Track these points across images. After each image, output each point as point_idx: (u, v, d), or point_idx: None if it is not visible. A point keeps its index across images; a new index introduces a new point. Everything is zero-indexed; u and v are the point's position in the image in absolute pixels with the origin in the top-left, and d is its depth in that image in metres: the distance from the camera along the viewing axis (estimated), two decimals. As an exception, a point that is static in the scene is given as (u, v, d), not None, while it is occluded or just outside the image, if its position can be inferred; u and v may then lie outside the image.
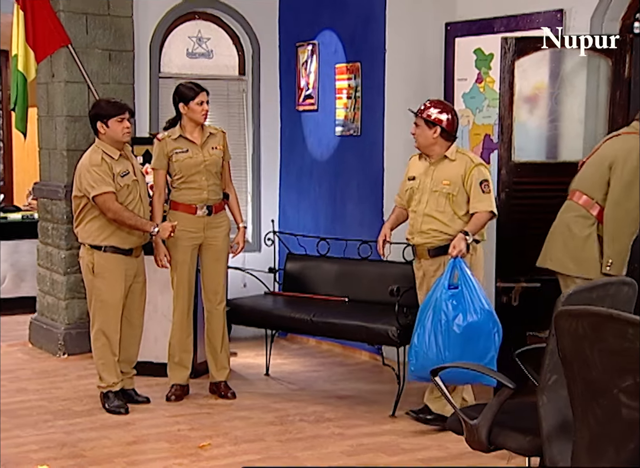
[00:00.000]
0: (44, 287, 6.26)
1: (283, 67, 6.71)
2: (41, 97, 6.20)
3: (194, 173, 4.88)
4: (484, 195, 4.33)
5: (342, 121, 6.16)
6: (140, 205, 4.72)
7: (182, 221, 4.89)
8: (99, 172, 4.57)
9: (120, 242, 4.67)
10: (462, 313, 4.14)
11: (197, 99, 4.82)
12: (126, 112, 4.66)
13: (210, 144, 4.91)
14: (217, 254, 4.95)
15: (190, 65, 6.54)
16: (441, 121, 4.40)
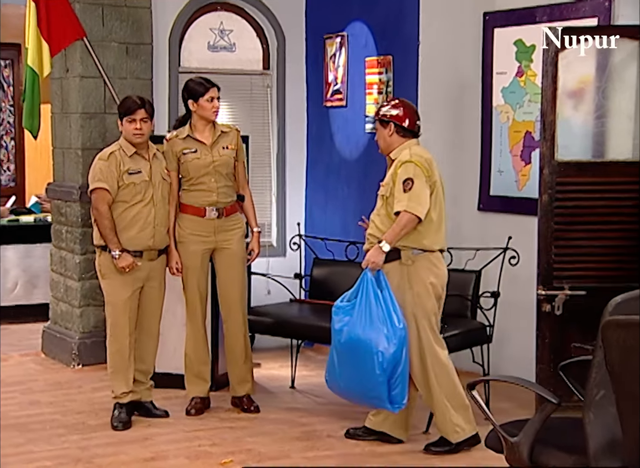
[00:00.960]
0: (58, 294, 6.30)
1: (310, 60, 6.72)
2: (55, 93, 6.25)
3: (203, 175, 4.87)
4: (403, 195, 4.25)
5: (372, 117, 6.16)
6: (152, 208, 4.73)
7: (190, 224, 4.90)
8: (101, 167, 4.66)
9: (126, 243, 4.70)
10: (345, 327, 4.21)
11: (207, 95, 4.82)
12: (138, 112, 4.68)
13: (221, 143, 4.90)
14: (230, 259, 4.95)
15: (211, 59, 6.56)
16: (393, 116, 4.39)
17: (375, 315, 4.20)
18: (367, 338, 4.18)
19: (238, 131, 5.01)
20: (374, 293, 4.23)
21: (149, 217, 4.72)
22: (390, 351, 4.17)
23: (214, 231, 4.91)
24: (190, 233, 4.91)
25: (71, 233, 6.10)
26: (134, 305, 4.77)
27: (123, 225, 4.69)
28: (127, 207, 4.70)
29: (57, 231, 6.28)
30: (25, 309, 7.35)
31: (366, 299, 4.23)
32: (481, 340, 5.07)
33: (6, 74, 9.53)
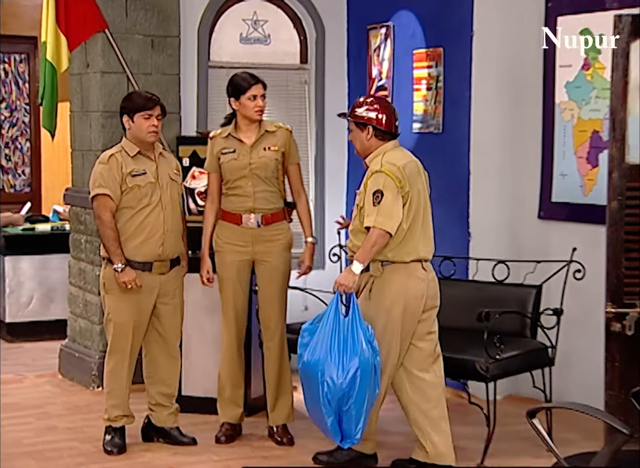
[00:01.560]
0: (76, 309, 6.35)
1: (352, 53, 6.72)
2: (74, 90, 6.31)
3: (239, 178, 4.88)
4: (372, 209, 4.26)
5: (420, 116, 6.14)
6: (161, 212, 4.72)
7: (227, 232, 4.91)
8: (102, 171, 4.68)
9: (132, 253, 4.69)
10: (304, 351, 4.29)
11: (249, 92, 4.83)
12: (155, 108, 4.71)
13: (263, 144, 4.90)
14: (269, 273, 4.93)
15: (244, 52, 6.58)
16: (370, 119, 4.41)
17: (332, 342, 4.24)
18: (317, 366, 4.23)
19: (289, 131, 4.98)
20: (335, 319, 4.26)
21: (157, 222, 4.70)
22: (338, 382, 4.19)
23: (251, 240, 4.90)
24: (226, 242, 4.92)
25: (91, 243, 6.14)
26: (140, 325, 4.77)
27: (129, 233, 4.68)
28: (134, 213, 4.69)
29: (76, 240, 6.33)
30: (41, 326, 7.40)
31: (327, 324, 4.27)
32: (542, 363, 5.02)
33: (21, 70, 9.63)
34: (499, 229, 5.78)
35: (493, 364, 4.69)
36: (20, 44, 9.43)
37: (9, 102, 9.61)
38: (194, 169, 5.72)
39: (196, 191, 5.67)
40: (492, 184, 5.79)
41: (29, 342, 7.30)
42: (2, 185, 9.65)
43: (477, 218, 5.80)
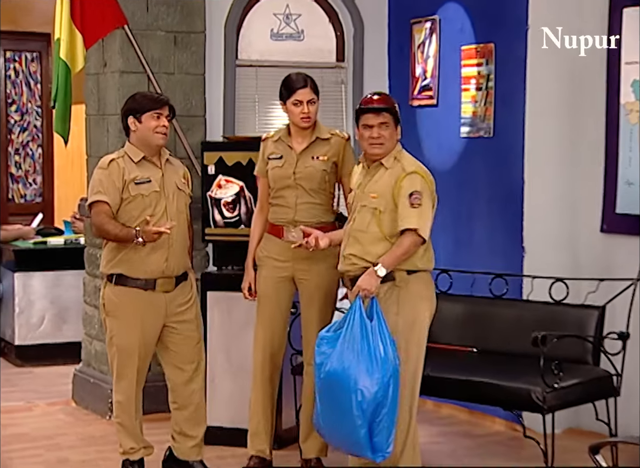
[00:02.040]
0: (91, 331, 6.36)
1: (393, 50, 6.71)
2: (90, 91, 6.33)
3: (283, 187, 4.90)
4: (410, 210, 4.35)
5: (469, 118, 6.11)
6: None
7: (268, 245, 4.94)
8: (101, 177, 4.67)
9: (134, 269, 4.66)
10: (325, 361, 4.32)
11: (293, 97, 4.84)
12: (164, 108, 4.71)
13: (313, 152, 4.89)
14: (310, 293, 4.93)
15: (275, 49, 6.59)
16: (399, 118, 4.53)
17: (359, 348, 4.27)
18: (347, 373, 4.25)
19: (345, 139, 4.96)
20: (361, 324, 4.29)
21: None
22: (372, 390, 4.21)
23: (292, 256, 4.89)
24: (267, 256, 4.93)
25: (108, 258, 6.16)
26: (145, 349, 4.75)
27: (130, 247, 4.64)
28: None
29: (92, 255, 6.34)
30: (53, 349, 7.43)
31: (352, 330, 4.30)
32: (606, 392, 4.97)
33: (33, 69, 9.70)
34: (556, 244, 5.73)
35: (551, 393, 4.65)
36: (31, 42, 9.49)
37: (20, 104, 9.67)
38: (220, 177, 5.71)
39: (222, 202, 5.67)
40: (549, 194, 5.75)
41: (40, 367, 7.32)
42: (12, 195, 9.71)
43: (532, 231, 5.75)
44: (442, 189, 6.24)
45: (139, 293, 4.68)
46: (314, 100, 4.85)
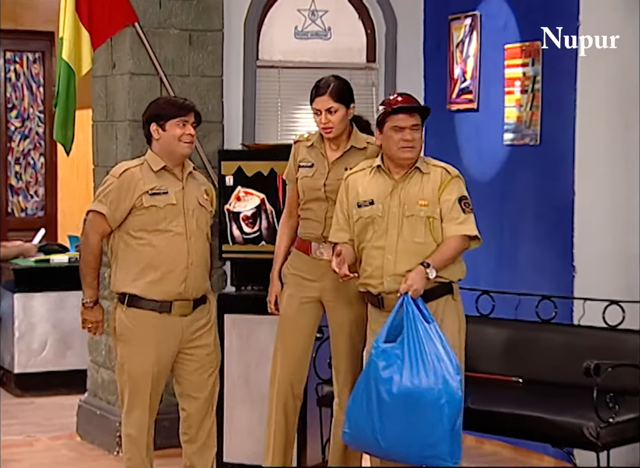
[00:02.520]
0: (98, 357, 6.36)
1: (429, 50, 6.71)
2: (97, 95, 6.35)
3: (312, 199, 4.90)
4: (465, 216, 4.53)
5: (513, 124, 6.10)
6: (184, 242, 4.66)
7: (295, 261, 4.94)
8: (110, 186, 4.69)
9: (146, 290, 4.64)
10: (395, 375, 4.31)
11: (313, 105, 4.85)
12: (190, 115, 4.71)
13: (347, 162, 4.88)
14: (340, 318, 4.91)
15: (299, 49, 6.60)
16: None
17: (429, 355, 4.32)
18: (428, 385, 4.27)
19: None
20: (423, 328, 4.34)
21: (179, 254, 4.65)
22: (457, 397, 4.29)
23: (320, 275, 4.88)
24: (293, 273, 4.93)
25: (116, 278, 6.16)
26: (159, 377, 4.73)
27: (144, 264, 4.64)
28: (149, 240, 4.65)
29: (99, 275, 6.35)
30: (56, 377, 7.44)
31: (415, 336, 4.34)
32: (668, 428, 4.92)
33: (35, 71, 9.74)
34: (610, 263, 5.70)
35: (605, 429, 4.62)
36: (34, 41, 9.52)
37: (20, 109, 9.71)
38: (238, 189, 5.72)
39: (241, 216, 5.67)
40: (602, 208, 5.72)
41: (42, 397, 7.33)
42: (12, 208, 9.75)
43: (584, 248, 5.73)
44: (483, 201, 6.25)
45: (154, 317, 4.66)
46: (333, 109, 4.80)
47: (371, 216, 4.58)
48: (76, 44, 5.78)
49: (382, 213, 4.55)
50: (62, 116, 5.84)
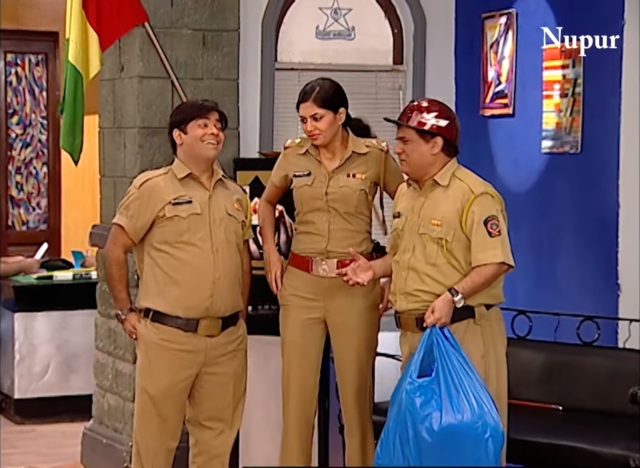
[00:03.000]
0: (104, 382, 6.36)
1: (461, 50, 6.72)
2: (105, 100, 6.37)
3: (313, 210, 4.89)
4: (491, 240, 4.45)
5: (552, 131, 6.08)
6: (210, 255, 4.67)
7: (294, 280, 4.92)
8: (131, 197, 4.75)
9: (170, 305, 4.66)
10: (435, 412, 4.28)
11: (298, 112, 4.87)
12: (212, 114, 4.74)
13: (349, 168, 4.90)
14: (346, 337, 4.92)
15: (321, 50, 6.62)
16: (442, 129, 4.54)
17: (467, 387, 4.31)
18: (471, 420, 4.28)
19: (384, 151, 4.96)
20: (457, 359, 4.36)
21: (204, 267, 4.66)
22: (500, 430, 4.30)
23: (323, 293, 4.89)
24: (293, 294, 4.92)
25: (124, 296, 6.17)
26: (180, 398, 4.74)
27: (167, 279, 4.66)
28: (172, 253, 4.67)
29: (105, 292, 6.34)
30: (59, 403, 7.44)
31: (450, 367, 4.35)
32: None
33: (38, 74, 9.77)
34: (658, 281, 5.67)
35: (654, 461, 4.61)
36: (37, 42, 9.56)
37: (22, 115, 9.75)
38: (255, 200, 5.70)
39: (258, 229, 5.65)
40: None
41: (44, 424, 7.34)
42: (12, 221, 9.78)
43: (629, 265, 5.70)
44: (520, 214, 6.24)
45: (178, 335, 4.68)
46: (318, 115, 4.81)
47: (396, 229, 4.63)
48: (83, 46, 5.79)
49: (403, 227, 4.59)
50: (69, 122, 5.84)
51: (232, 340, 4.80)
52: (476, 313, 4.48)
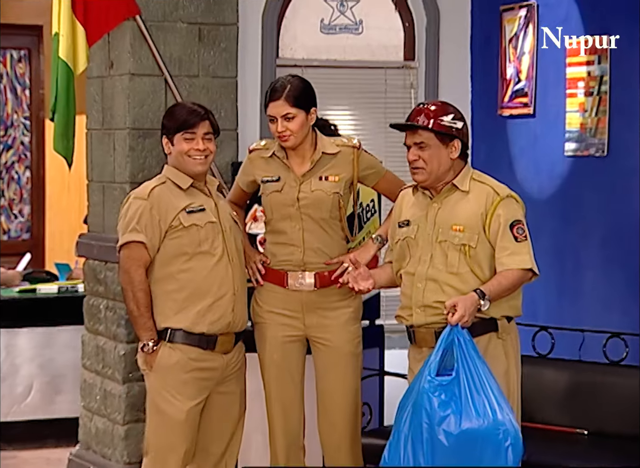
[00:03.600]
0: (92, 403, 6.35)
1: (477, 45, 6.74)
2: (92, 99, 6.38)
3: (284, 218, 4.88)
4: (517, 245, 4.49)
5: (576, 132, 6.10)
6: (228, 265, 4.69)
7: (269, 297, 4.91)
8: (141, 210, 4.68)
9: (192, 321, 4.66)
10: (454, 414, 4.27)
11: (267, 111, 4.84)
12: (200, 125, 4.72)
13: (320, 171, 4.89)
14: (330, 356, 4.91)
15: (326, 45, 6.63)
16: (460, 132, 4.58)
17: (488, 391, 4.31)
18: (492, 425, 4.27)
19: (355, 148, 4.94)
20: (480, 360, 4.36)
21: (225, 278, 4.69)
22: (520, 440, 4.28)
23: (302, 309, 4.90)
24: (268, 311, 4.91)
25: (113, 310, 6.16)
26: (195, 423, 4.75)
27: (186, 294, 4.67)
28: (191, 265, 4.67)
29: (93, 306, 6.36)
30: (43, 426, 7.40)
31: (472, 368, 4.34)
32: None
33: (20, 71, 9.75)
34: (690, 295, 5.68)
35: (686, 489, 4.61)
36: (19, 36, 9.52)
37: (3, 116, 9.72)
38: (255, 207, 5.72)
39: (258, 239, 5.67)
40: (681, 230, 5.71)
41: (27, 450, 7.29)
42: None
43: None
44: (541, 223, 6.25)
45: (197, 353, 4.69)
46: (290, 115, 4.78)
47: (406, 238, 4.62)
48: (72, 41, 5.80)
49: (416, 236, 4.58)
50: (63, 123, 5.85)
51: (237, 356, 4.84)
52: (499, 326, 4.49)
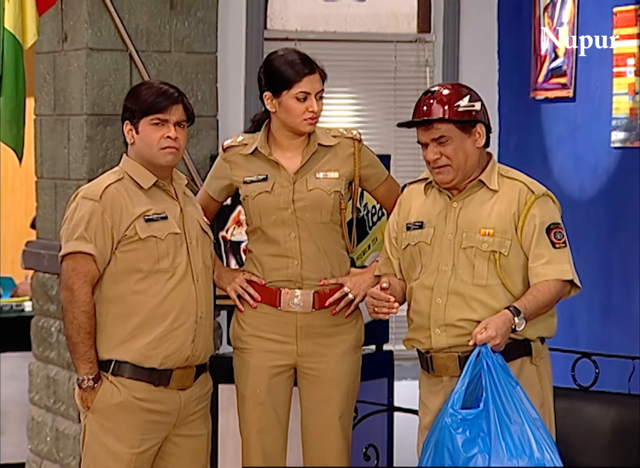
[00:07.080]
0: (41, 445, 6.38)
1: (505, 16, 6.79)
2: (43, 79, 6.41)
3: (276, 224, 4.87)
4: (555, 252, 4.50)
5: (624, 119, 6.12)
6: (192, 285, 4.67)
7: (256, 319, 4.91)
8: (89, 214, 4.63)
9: (142, 354, 4.63)
10: (482, 453, 4.28)
11: (296, 88, 4.79)
12: (172, 109, 4.70)
13: (316, 167, 4.90)
14: (321, 391, 4.93)
15: (324, 14, 6.68)
16: (478, 114, 4.59)
17: (524, 425, 4.30)
18: (527, 466, 4.25)
19: (357, 140, 4.96)
20: (511, 389, 4.35)
21: (186, 303, 4.66)
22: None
23: (296, 334, 4.91)
24: (253, 334, 4.92)
25: (67, 334, 6.19)
26: None
27: (138, 320, 4.64)
28: (146, 285, 4.64)
29: (43, 329, 6.39)
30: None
31: (503, 398, 4.33)
32: None
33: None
34: None
35: None
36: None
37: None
38: (238, 210, 5.75)
39: (242, 247, 5.72)
40: None
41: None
42: None
43: None
44: (583, 228, 6.29)
45: (146, 391, 4.66)
46: (322, 93, 4.84)
47: (419, 243, 4.61)
48: (19, 11, 5.78)
49: (432, 241, 4.58)
50: (11, 107, 5.80)
51: (204, 394, 4.83)
52: (532, 349, 4.51)
